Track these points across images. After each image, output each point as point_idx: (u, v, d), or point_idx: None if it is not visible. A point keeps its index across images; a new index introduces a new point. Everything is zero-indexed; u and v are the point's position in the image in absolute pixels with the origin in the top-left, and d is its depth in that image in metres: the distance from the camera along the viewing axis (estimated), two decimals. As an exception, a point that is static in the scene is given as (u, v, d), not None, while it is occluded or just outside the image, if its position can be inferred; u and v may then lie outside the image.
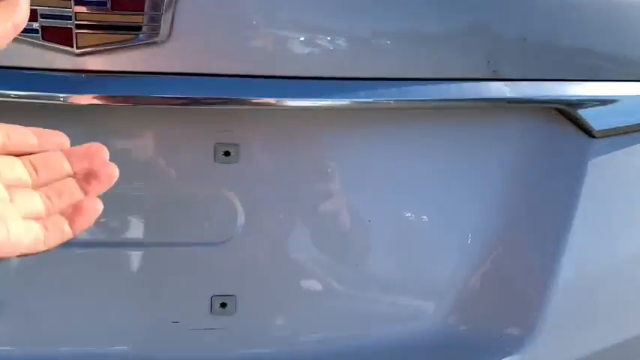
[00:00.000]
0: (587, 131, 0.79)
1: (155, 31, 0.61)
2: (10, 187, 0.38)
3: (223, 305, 0.77)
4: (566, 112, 0.78)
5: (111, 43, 0.61)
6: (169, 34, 0.62)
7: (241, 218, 0.76)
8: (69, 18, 0.59)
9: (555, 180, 0.81)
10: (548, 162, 0.82)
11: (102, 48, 0.61)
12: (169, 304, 0.76)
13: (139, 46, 0.61)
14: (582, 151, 0.81)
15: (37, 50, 0.61)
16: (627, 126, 0.80)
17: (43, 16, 0.59)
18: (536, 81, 0.76)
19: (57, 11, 0.59)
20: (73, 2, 0.59)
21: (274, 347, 0.78)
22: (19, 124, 0.41)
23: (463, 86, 0.72)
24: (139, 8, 0.60)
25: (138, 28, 0.61)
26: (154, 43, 0.62)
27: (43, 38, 0.60)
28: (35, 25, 0.59)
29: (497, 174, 0.81)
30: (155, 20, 0.61)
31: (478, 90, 0.73)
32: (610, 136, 0.81)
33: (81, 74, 0.62)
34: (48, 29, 0.60)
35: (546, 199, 0.81)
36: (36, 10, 0.59)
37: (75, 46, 0.60)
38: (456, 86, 0.72)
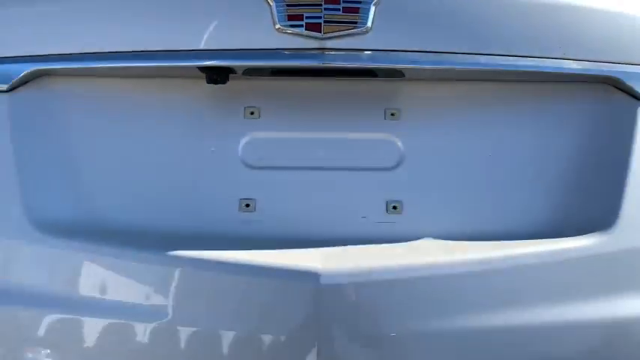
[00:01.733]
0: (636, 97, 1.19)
1: (365, 23, 1.11)
2: None
3: (395, 207, 1.16)
4: (619, 82, 1.18)
5: (340, 31, 1.11)
6: (372, 26, 1.11)
7: (405, 153, 1.19)
8: (319, 18, 1.10)
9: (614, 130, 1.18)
10: (611, 119, 1.21)
11: (337, 34, 1.11)
12: (360, 205, 1.17)
13: (356, 33, 1.11)
14: (633, 110, 1.19)
15: (301, 37, 1.11)
16: None
17: (307, 17, 1.10)
18: (596, 62, 1.18)
19: (314, 13, 1.11)
20: (322, 9, 1.10)
21: (431, 234, 1.15)
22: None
23: (541, 62, 1.16)
24: (355, 10, 1.11)
25: (355, 22, 1.11)
26: (365, 31, 1.11)
27: (305, 29, 1.10)
28: (301, 22, 1.10)
29: (575, 130, 1.20)
30: (364, 18, 1.11)
31: (553, 66, 1.16)
32: None
33: (324, 51, 1.11)
34: (309, 24, 1.10)
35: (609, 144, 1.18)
36: (303, 14, 1.10)
37: (322, 32, 1.11)
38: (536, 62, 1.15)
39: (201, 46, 1.12)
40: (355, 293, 1.00)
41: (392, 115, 1.21)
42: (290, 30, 1.10)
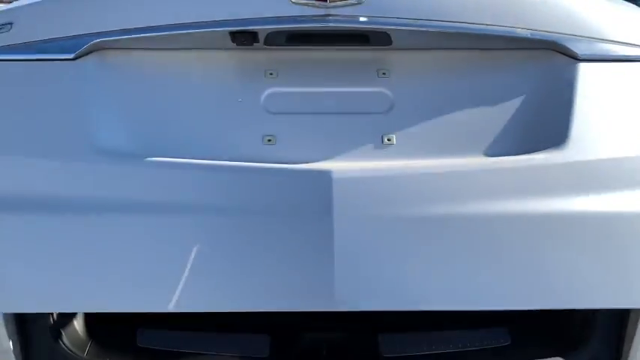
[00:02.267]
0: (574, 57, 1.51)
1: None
2: None
3: (389, 140, 1.44)
4: (561, 47, 1.51)
5: (342, 0, 1.44)
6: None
7: (394, 101, 1.48)
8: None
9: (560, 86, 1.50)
10: (557, 72, 1.52)
11: (339, 3, 1.44)
12: (361, 140, 1.45)
13: (355, 3, 1.44)
14: (573, 66, 1.51)
15: (311, 6, 1.44)
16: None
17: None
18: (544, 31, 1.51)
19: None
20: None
21: (418, 157, 1.42)
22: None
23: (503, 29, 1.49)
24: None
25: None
26: (362, 1, 1.44)
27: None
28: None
29: (531, 80, 1.51)
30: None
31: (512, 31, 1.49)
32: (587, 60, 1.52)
33: (329, 17, 1.44)
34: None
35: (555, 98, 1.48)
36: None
37: (327, 1, 1.44)
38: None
39: (231, 17, 1.45)
40: (359, 184, 1.26)
41: (383, 74, 1.53)
42: (302, 1, 1.44)
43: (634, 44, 1.55)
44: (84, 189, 1.33)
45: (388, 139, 1.45)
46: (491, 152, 1.43)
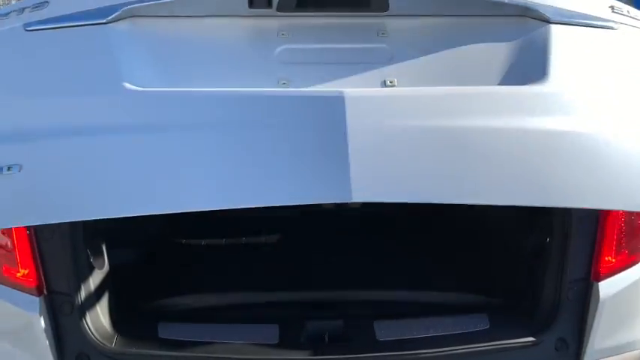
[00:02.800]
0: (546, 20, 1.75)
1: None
2: None
3: (390, 82, 1.63)
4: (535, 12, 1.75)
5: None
6: None
7: (393, 53, 1.69)
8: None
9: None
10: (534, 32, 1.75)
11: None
12: (366, 84, 1.63)
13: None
14: (545, 27, 1.74)
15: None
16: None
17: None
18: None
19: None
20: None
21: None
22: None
23: None
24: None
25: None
26: None
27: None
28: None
29: (514, 38, 1.73)
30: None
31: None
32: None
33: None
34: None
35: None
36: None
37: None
38: None
39: None
40: (369, 100, 1.43)
41: (382, 34, 1.74)
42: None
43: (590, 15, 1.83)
44: (115, 117, 1.47)
45: (390, 82, 1.63)
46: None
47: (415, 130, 1.42)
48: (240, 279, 2.09)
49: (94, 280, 1.73)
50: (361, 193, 1.32)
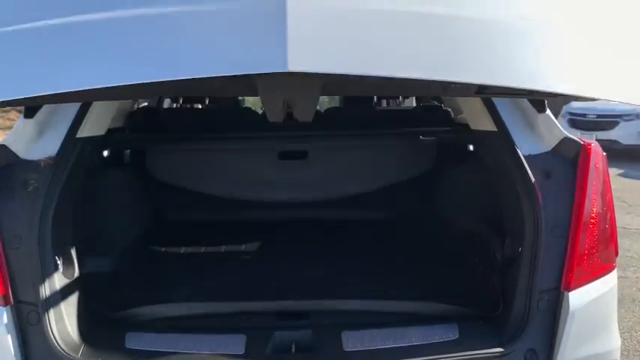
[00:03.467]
0: None
1: None
2: None
3: None
4: None
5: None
6: None
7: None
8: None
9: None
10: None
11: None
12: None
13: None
14: None
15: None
16: None
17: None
18: None
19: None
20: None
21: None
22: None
23: None
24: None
25: None
26: None
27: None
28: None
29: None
30: None
31: None
32: None
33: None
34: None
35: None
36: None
37: None
38: None
39: None
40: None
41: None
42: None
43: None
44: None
45: None
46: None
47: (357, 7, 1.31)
48: (211, 288, 2.08)
49: (63, 290, 1.72)
50: (298, 63, 1.19)
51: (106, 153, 2.51)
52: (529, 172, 1.77)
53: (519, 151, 1.83)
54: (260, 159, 2.84)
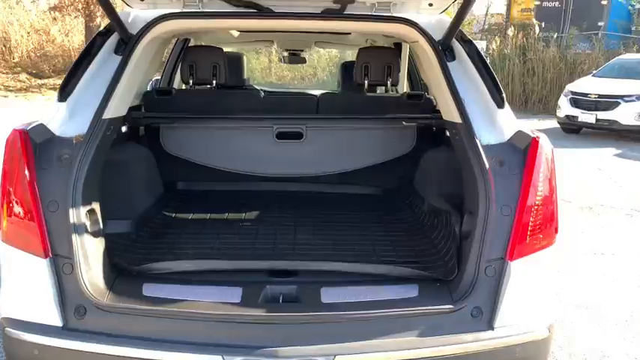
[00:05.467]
0: None
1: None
2: None
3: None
4: None
5: None
6: None
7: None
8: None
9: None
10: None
11: None
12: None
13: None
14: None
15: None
16: None
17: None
18: None
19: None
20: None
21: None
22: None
23: None
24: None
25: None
26: None
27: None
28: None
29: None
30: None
31: None
32: None
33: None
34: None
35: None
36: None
37: None
38: None
39: None
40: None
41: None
42: None
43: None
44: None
45: None
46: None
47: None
48: (214, 249, 2.45)
49: (91, 247, 2.08)
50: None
51: (124, 129, 2.84)
52: (484, 159, 2.10)
53: (478, 141, 2.15)
54: (260, 138, 3.18)
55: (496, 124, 2.22)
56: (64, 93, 2.17)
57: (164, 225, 2.78)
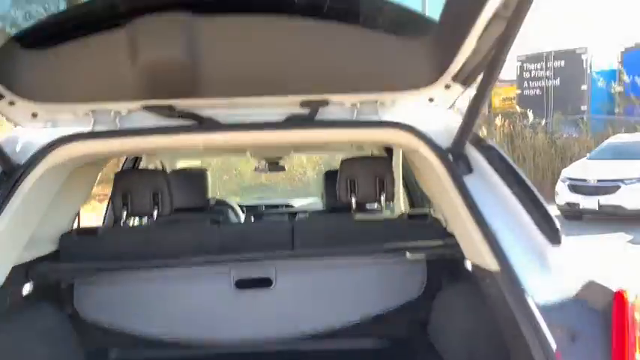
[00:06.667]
0: None
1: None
2: None
3: None
4: None
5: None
6: None
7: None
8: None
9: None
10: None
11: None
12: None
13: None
14: None
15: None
16: None
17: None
18: None
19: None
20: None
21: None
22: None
23: None
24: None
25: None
26: None
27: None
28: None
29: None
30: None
31: None
32: None
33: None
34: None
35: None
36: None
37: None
38: None
39: None
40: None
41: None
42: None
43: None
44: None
45: None
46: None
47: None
48: None
49: None
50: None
51: (27, 289, 2.08)
52: (548, 336, 1.33)
53: (532, 303, 1.39)
54: (213, 288, 2.37)
55: (552, 271, 1.48)
56: None
57: None
